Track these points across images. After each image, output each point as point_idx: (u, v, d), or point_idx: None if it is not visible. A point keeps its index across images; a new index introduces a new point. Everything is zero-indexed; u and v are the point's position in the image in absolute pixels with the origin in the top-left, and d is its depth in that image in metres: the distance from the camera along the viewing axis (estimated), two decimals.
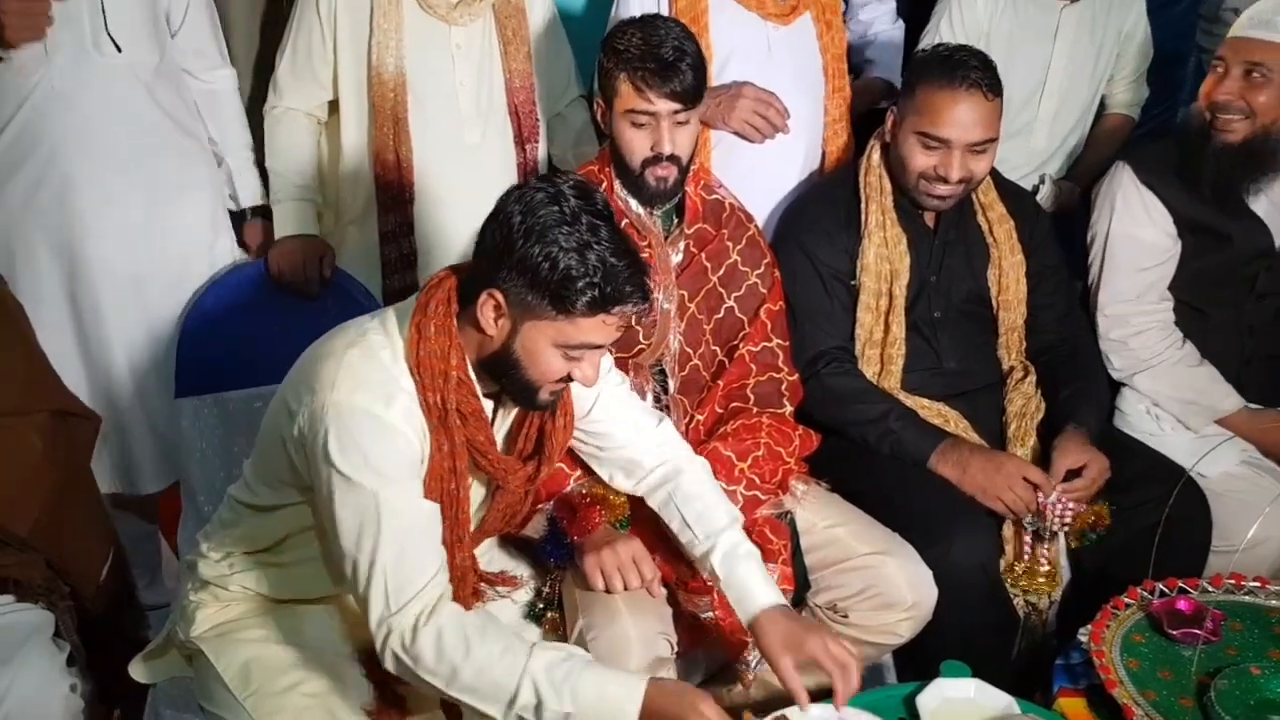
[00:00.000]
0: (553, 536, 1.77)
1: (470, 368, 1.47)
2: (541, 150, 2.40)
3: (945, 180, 2.02)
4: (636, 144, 1.89)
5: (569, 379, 1.45)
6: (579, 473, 1.80)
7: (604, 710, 1.33)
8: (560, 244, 1.35)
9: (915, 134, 2.03)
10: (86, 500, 1.85)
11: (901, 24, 2.58)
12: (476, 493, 1.59)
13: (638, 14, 2.08)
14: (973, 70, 1.99)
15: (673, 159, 1.89)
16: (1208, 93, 2.15)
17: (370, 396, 1.39)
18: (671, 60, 1.84)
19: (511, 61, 2.30)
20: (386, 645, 1.36)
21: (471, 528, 1.58)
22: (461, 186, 2.28)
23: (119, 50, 2.10)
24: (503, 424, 1.59)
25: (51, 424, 1.73)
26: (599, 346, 1.43)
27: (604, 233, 1.38)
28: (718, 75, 2.22)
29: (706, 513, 1.66)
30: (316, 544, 1.53)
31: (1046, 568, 1.98)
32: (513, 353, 1.42)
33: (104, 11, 2.06)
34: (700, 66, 1.88)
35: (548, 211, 1.36)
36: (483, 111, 2.30)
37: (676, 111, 1.87)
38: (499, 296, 1.39)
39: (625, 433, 1.70)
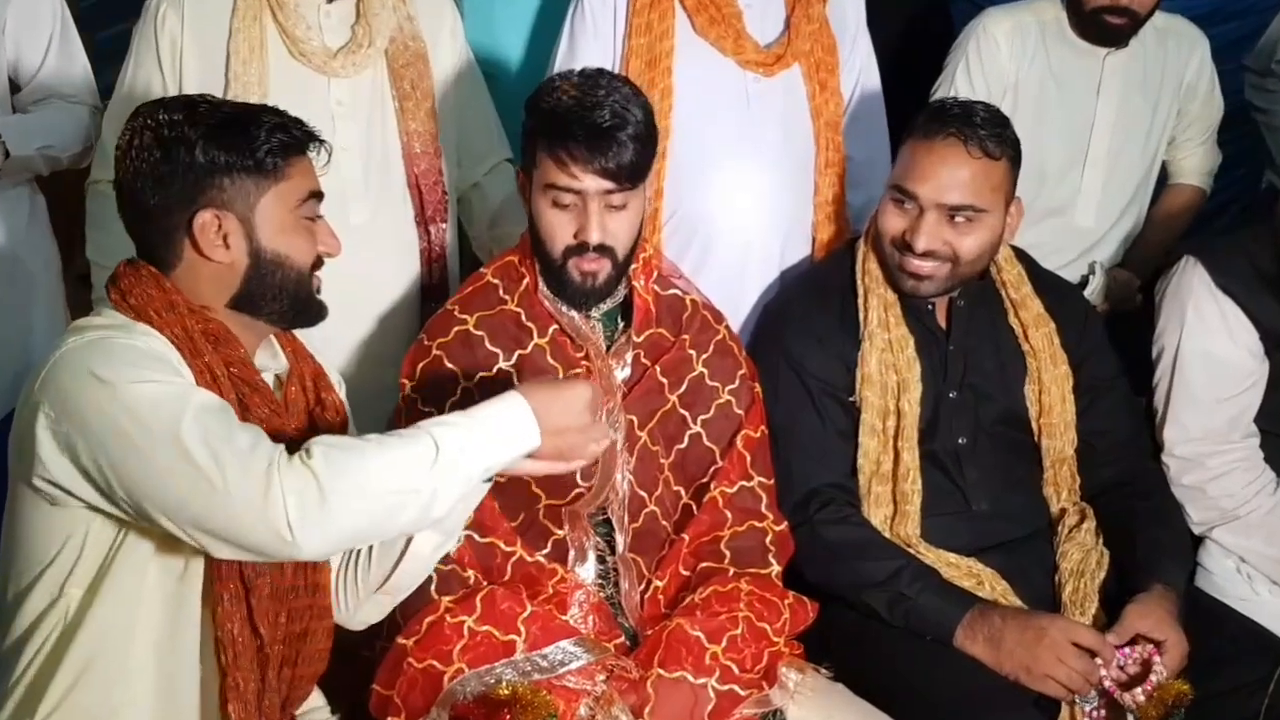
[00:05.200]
0: None
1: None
2: (450, 231, 2.17)
3: (911, 249, 1.86)
4: (558, 228, 1.72)
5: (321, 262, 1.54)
6: (462, 643, 1.62)
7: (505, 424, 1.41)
8: (219, 128, 1.42)
9: (889, 188, 1.93)
10: None
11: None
12: None
13: (581, 66, 1.89)
14: (960, 122, 1.86)
15: (602, 249, 1.71)
16: None
17: (113, 335, 1.41)
18: (606, 128, 1.66)
19: (410, 121, 2.07)
20: (285, 492, 1.30)
21: None
22: (347, 276, 1.86)
23: None
24: None
25: None
26: (318, 194, 1.51)
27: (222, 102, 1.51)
28: (683, 127, 2.06)
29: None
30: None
31: None
32: (263, 256, 1.46)
33: None
34: (645, 138, 1.71)
35: (170, 121, 1.41)
36: (372, 184, 2.07)
37: (609, 192, 1.69)
38: (208, 214, 1.43)
39: None
